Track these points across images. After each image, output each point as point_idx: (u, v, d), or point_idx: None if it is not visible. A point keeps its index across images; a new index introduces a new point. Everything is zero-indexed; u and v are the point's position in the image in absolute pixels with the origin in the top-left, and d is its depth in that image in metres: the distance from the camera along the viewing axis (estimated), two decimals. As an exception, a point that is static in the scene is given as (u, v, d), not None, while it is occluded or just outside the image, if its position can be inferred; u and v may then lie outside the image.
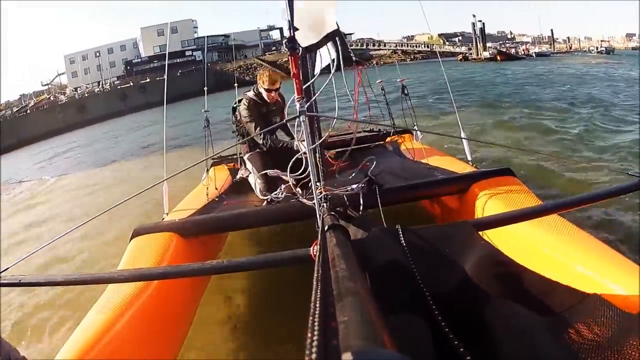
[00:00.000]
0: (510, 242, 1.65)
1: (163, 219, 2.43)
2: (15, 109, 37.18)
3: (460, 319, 0.72)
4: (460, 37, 50.42)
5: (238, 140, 3.09)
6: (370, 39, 46.58)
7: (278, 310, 2.22)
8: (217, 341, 2.05)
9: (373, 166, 2.31)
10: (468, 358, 0.62)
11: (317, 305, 0.51)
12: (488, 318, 0.80)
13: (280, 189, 2.44)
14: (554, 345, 0.80)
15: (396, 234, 1.25)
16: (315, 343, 0.41)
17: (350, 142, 3.80)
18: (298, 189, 2.23)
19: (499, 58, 34.51)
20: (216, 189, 3.01)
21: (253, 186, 2.95)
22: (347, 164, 3.16)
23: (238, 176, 3.37)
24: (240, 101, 3.04)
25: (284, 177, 2.23)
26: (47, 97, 39.00)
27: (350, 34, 49.30)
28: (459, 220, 1.38)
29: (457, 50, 41.17)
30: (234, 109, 3.11)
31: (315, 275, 0.64)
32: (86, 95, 36.21)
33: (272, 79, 2.90)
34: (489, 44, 40.93)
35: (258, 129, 2.88)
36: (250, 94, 2.99)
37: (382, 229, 1.25)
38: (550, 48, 47.49)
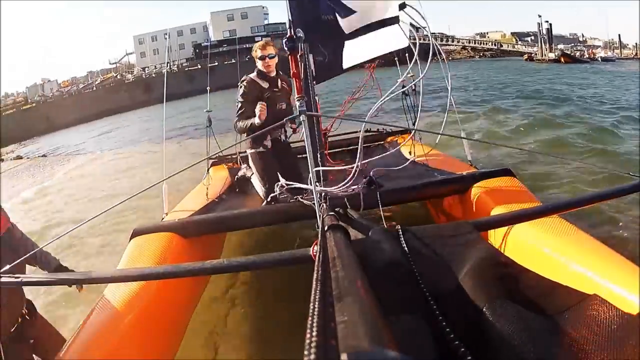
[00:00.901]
0: (510, 242, 1.65)
1: (163, 219, 2.43)
2: (81, 85, 38.20)
3: (460, 319, 0.72)
4: (532, 37, 46.97)
5: (240, 136, 2.89)
6: (441, 33, 44.25)
7: (278, 310, 2.23)
8: (216, 341, 2.05)
9: (372, 167, 2.31)
10: (469, 358, 0.61)
11: (317, 305, 0.51)
12: (488, 318, 0.80)
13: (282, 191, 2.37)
14: (554, 346, 0.80)
15: (396, 234, 1.25)
16: (314, 343, 0.41)
17: (350, 142, 3.83)
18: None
19: (562, 60, 33.25)
20: (216, 188, 3.01)
21: (256, 187, 2.87)
22: (347, 164, 3.16)
23: (240, 173, 3.31)
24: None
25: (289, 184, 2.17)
26: (114, 75, 39.73)
27: (423, 27, 48.45)
28: (458, 220, 1.38)
29: (523, 49, 39.42)
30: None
31: (315, 275, 0.64)
32: (153, 75, 36.72)
33: (264, 44, 2.71)
34: (560, 46, 39.38)
35: (242, 113, 2.68)
36: (252, 74, 2.77)
37: (382, 230, 1.25)
38: (617, 53, 44.69)
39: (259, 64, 2.74)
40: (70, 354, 1.24)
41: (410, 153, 3.35)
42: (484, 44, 42.07)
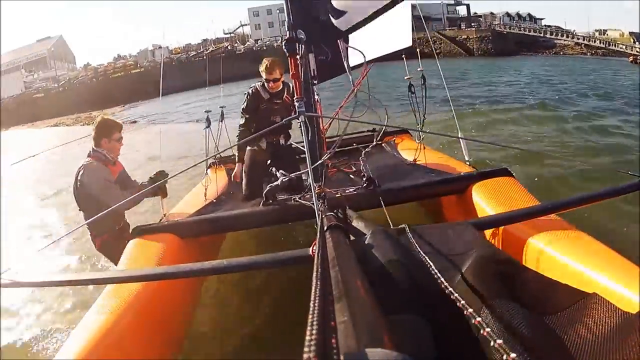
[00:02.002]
0: (508, 241, 1.66)
1: (161, 219, 2.43)
2: (192, 53, 39.11)
3: (460, 319, 0.72)
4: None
5: (237, 139, 2.95)
6: (557, 27, 43.30)
7: (277, 310, 2.23)
8: (216, 341, 2.05)
9: (369, 166, 2.32)
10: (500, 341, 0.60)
11: (316, 305, 0.51)
12: (488, 317, 0.80)
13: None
14: (554, 345, 0.80)
15: (395, 233, 1.25)
16: (314, 343, 0.41)
17: (349, 142, 3.82)
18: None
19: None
20: (215, 189, 3.01)
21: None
22: (345, 164, 3.16)
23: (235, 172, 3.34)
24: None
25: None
26: (226, 46, 40.23)
27: (541, 19, 47.81)
28: (457, 220, 1.39)
29: (629, 51, 35.99)
30: None
31: (315, 275, 0.64)
32: (264, 48, 36.90)
33: (270, 68, 2.74)
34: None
35: (244, 122, 2.85)
36: (259, 83, 2.87)
37: (380, 229, 1.25)
38: None
39: (266, 83, 2.82)
40: (70, 354, 1.24)
41: (408, 153, 3.35)
42: (592, 41, 39.05)
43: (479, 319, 0.66)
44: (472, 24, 42.90)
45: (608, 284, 1.13)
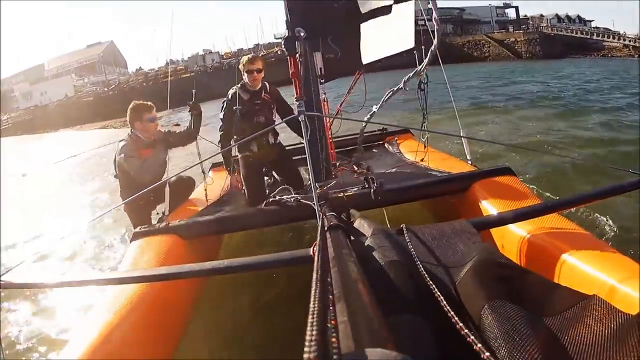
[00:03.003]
0: (510, 241, 1.65)
1: (163, 220, 2.43)
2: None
3: (460, 319, 0.72)
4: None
5: (232, 141, 2.94)
6: (606, 29, 42.67)
7: (277, 310, 2.22)
8: (216, 341, 2.05)
9: (372, 166, 2.31)
10: (487, 354, 0.61)
11: (317, 305, 0.51)
12: (488, 318, 0.80)
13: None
14: (554, 347, 0.80)
15: (396, 233, 1.25)
16: (314, 343, 0.41)
17: (349, 143, 3.82)
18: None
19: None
20: (216, 190, 3.01)
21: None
22: (347, 164, 3.16)
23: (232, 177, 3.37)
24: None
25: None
26: (276, 50, 39.86)
27: (590, 20, 47.72)
28: (459, 219, 1.38)
29: None
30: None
31: (315, 275, 0.64)
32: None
33: (252, 59, 2.78)
34: None
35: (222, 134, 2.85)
36: (237, 86, 2.84)
37: (382, 229, 1.24)
38: None
39: (245, 77, 2.82)
40: (71, 354, 1.24)
41: (410, 153, 3.35)
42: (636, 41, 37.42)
43: (465, 330, 0.66)
44: (522, 27, 42.55)
45: (609, 284, 1.13)
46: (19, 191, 7.49)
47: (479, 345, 0.63)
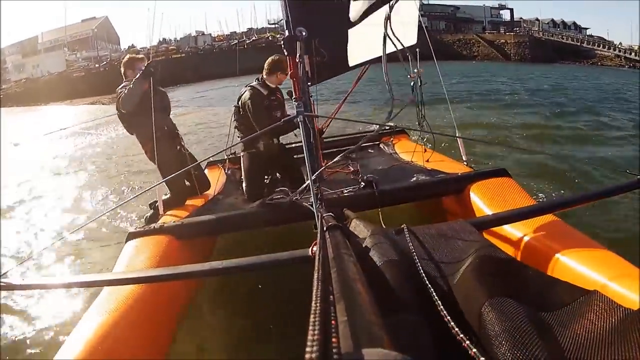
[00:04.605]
0: (507, 241, 1.66)
1: (158, 221, 2.42)
2: (233, 42, 39.07)
3: (461, 318, 0.72)
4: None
5: (239, 137, 2.99)
6: (600, 37, 43.06)
7: (277, 311, 2.22)
8: (215, 341, 2.04)
9: (367, 167, 2.32)
10: (474, 350, 0.61)
11: (317, 305, 0.51)
12: (488, 316, 0.80)
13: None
14: (556, 342, 0.80)
15: (394, 233, 1.26)
16: (315, 343, 0.41)
17: (345, 143, 3.83)
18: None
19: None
20: (211, 190, 3.00)
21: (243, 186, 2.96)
22: (343, 165, 3.16)
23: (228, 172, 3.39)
24: (247, 92, 2.88)
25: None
26: (268, 36, 39.90)
27: (586, 28, 48.12)
28: (458, 220, 1.39)
29: None
30: (239, 100, 2.96)
31: (315, 275, 0.64)
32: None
33: (285, 65, 2.69)
34: None
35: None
36: (255, 83, 2.90)
37: (379, 230, 1.25)
38: None
39: (273, 77, 2.88)
40: (68, 355, 1.23)
41: (406, 153, 3.36)
42: (630, 53, 37.01)
43: (461, 335, 0.67)
44: (515, 29, 42.87)
45: (607, 283, 1.14)
46: (11, 159, 7.58)
47: (474, 350, 0.64)
